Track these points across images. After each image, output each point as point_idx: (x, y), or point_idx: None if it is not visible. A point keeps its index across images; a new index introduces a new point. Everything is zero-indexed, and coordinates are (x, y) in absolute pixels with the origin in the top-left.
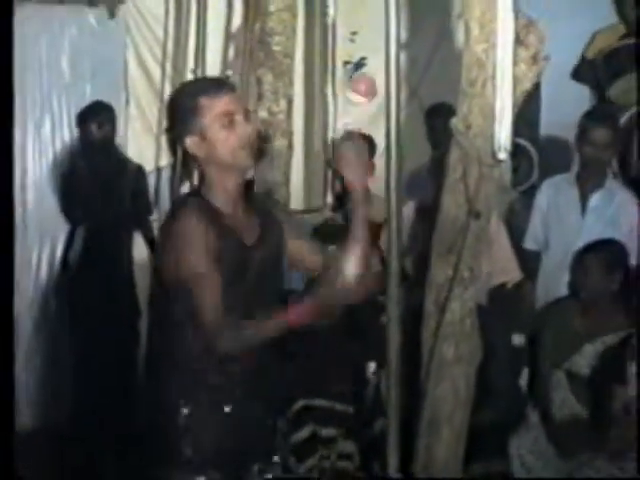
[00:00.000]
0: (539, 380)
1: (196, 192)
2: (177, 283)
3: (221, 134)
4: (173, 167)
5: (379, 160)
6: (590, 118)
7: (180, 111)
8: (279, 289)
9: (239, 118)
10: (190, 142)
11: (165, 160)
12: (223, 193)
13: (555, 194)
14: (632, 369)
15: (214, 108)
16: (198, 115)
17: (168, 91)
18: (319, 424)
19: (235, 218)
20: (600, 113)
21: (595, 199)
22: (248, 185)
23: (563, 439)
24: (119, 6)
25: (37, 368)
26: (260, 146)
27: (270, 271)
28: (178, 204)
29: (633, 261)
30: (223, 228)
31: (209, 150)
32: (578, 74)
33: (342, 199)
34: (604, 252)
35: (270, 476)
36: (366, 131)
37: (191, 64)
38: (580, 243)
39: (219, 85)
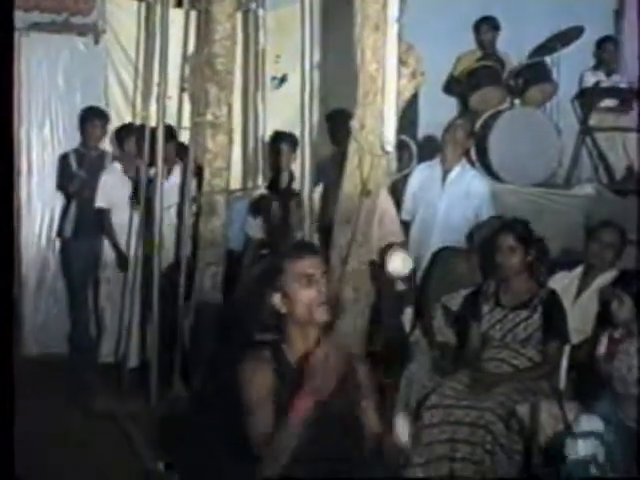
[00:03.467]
0: (425, 313)
1: (275, 343)
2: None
3: (300, 292)
4: None
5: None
6: (450, 124)
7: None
8: (343, 445)
9: (318, 278)
10: (275, 298)
11: None
12: (302, 346)
13: (423, 174)
14: (485, 309)
15: (295, 269)
16: (281, 275)
17: (139, 100)
18: None
19: (321, 373)
20: (457, 120)
21: (453, 174)
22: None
23: (439, 361)
24: (102, 35)
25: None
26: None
27: (335, 426)
28: (254, 352)
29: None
30: (291, 377)
31: (290, 306)
32: (447, 88)
33: (274, 181)
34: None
35: None
36: (285, 128)
37: (156, 79)
38: (441, 211)
39: (301, 248)
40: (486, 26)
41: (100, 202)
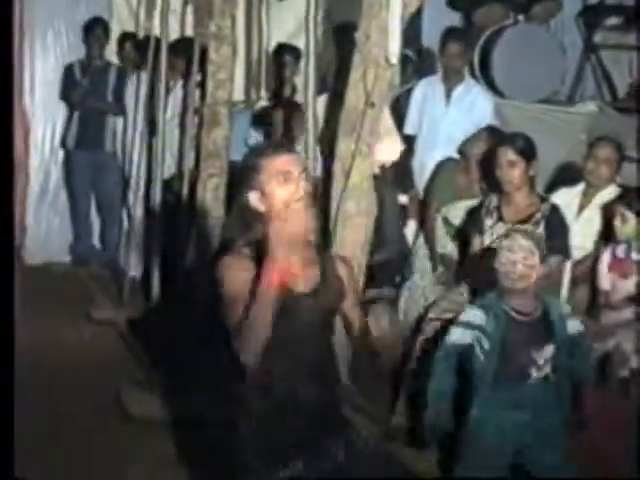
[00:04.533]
0: (427, 224)
1: (251, 243)
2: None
3: (277, 190)
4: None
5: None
6: (446, 35)
7: (250, 172)
8: (328, 342)
9: (295, 175)
10: (253, 197)
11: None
12: (280, 244)
13: (426, 89)
14: (488, 223)
15: (274, 169)
16: (258, 173)
17: (143, 12)
18: None
19: (290, 266)
20: (454, 32)
21: (457, 92)
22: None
23: (440, 273)
24: None
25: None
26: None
27: (320, 321)
28: (229, 250)
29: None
30: (272, 276)
31: (268, 205)
32: (452, 2)
33: (276, 92)
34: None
35: None
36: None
37: None
38: (444, 126)
39: (277, 147)
40: None
41: None
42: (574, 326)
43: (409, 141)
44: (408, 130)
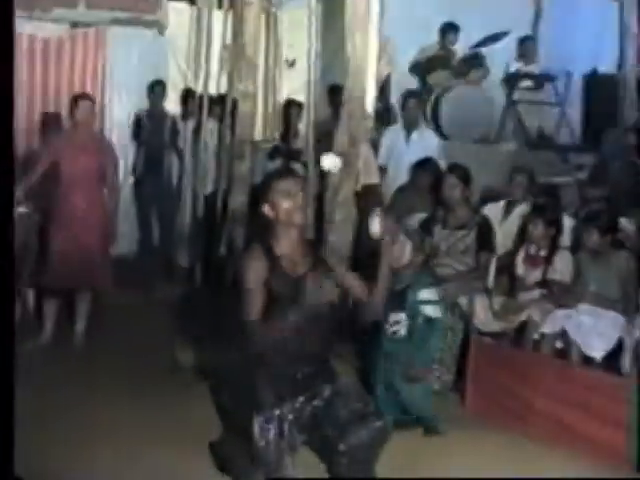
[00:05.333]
0: None
1: (263, 241)
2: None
3: (281, 202)
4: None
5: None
6: (406, 95)
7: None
8: (319, 314)
9: (295, 192)
10: (265, 207)
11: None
12: (286, 239)
13: (392, 135)
14: (436, 229)
15: (281, 189)
16: (269, 190)
17: (190, 75)
18: None
19: (292, 257)
20: (412, 92)
21: (414, 135)
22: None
23: None
24: (165, 29)
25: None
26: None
27: (312, 299)
28: (252, 245)
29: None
30: (276, 265)
31: (276, 213)
32: (412, 69)
33: (284, 135)
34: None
35: None
36: (295, 97)
37: (203, 61)
38: (406, 160)
39: (282, 172)
40: (448, 29)
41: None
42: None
43: (382, 170)
44: (380, 161)
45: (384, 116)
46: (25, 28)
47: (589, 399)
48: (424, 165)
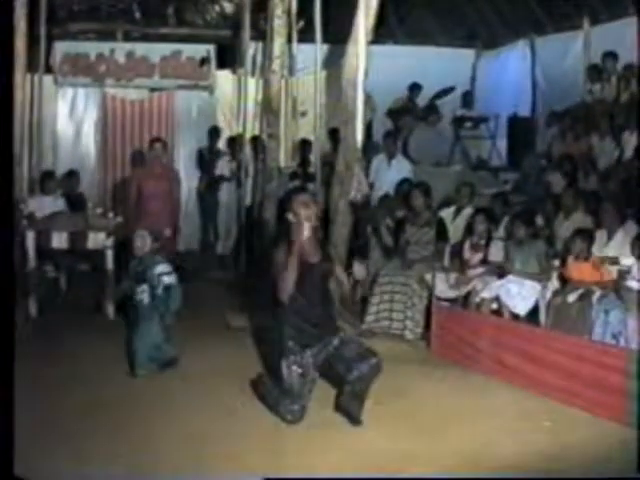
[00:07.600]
0: (377, 228)
1: (288, 236)
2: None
3: (300, 211)
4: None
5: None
6: (385, 135)
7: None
8: (327, 290)
9: (310, 204)
10: (289, 214)
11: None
12: (304, 236)
13: (378, 160)
14: (407, 226)
15: (300, 201)
16: (292, 202)
17: (234, 123)
18: None
19: (308, 249)
20: (389, 132)
21: (393, 161)
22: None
23: (384, 253)
24: (214, 91)
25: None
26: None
27: (322, 279)
28: (279, 241)
29: None
30: (298, 253)
31: (297, 219)
32: (388, 114)
33: (301, 163)
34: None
35: None
36: (307, 137)
37: (242, 113)
38: (388, 178)
39: (301, 191)
40: (414, 87)
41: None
42: (168, 279)
43: (371, 185)
44: (369, 179)
45: (370, 149)
46: (118, 93)
47: (518, 344)
48: (402, 184)
